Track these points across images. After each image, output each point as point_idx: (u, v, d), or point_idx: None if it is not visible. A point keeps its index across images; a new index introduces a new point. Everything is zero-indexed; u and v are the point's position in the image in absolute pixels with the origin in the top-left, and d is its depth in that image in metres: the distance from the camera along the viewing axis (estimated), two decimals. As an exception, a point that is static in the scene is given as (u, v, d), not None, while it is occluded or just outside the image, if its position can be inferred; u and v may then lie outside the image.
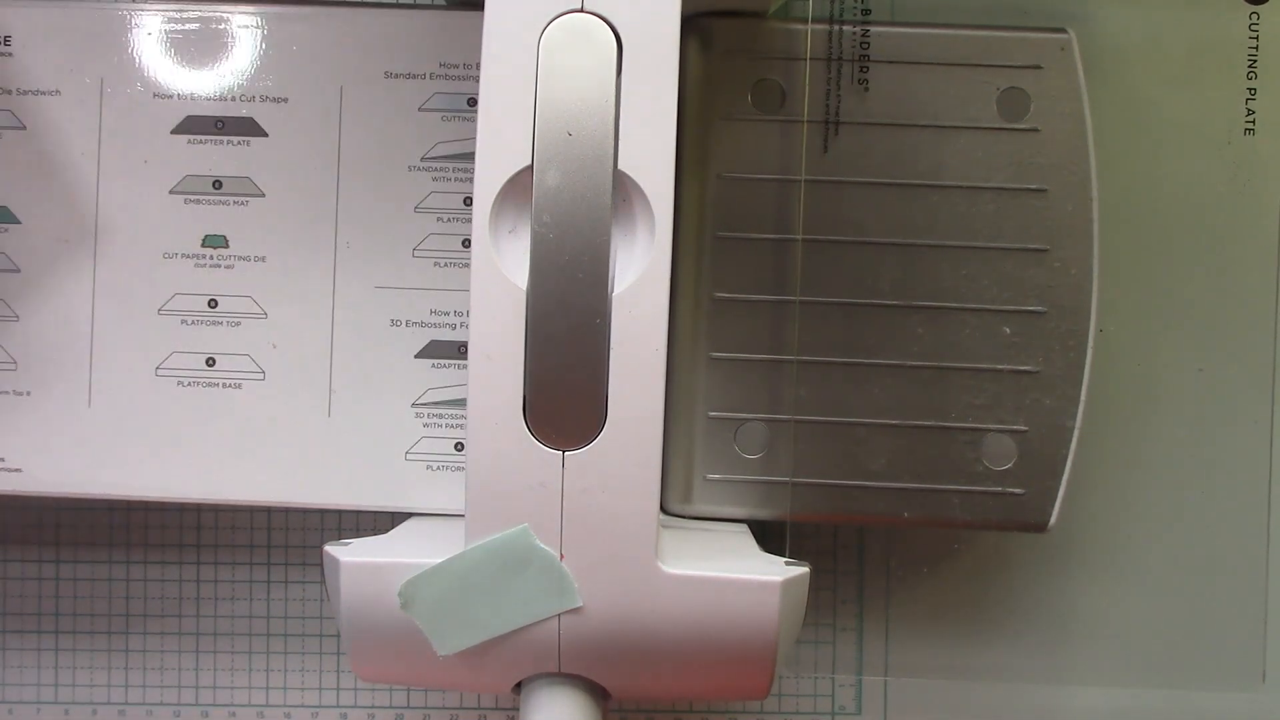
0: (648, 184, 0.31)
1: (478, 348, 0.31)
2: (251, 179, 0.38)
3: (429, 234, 0.38)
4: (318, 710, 0.42)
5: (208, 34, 0.38)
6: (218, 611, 0.42)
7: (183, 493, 0.38)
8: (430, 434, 0.38)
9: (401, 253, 0.38)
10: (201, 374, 0.38)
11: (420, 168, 0.38)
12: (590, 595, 0.31)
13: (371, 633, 0.32)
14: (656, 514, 0.31)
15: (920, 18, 0.38)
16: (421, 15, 0.38)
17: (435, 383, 0.38)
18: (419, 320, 0.38)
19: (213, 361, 0.38)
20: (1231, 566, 0.40)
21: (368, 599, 0.32)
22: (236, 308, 0.38)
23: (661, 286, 0.31)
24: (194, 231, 0.38)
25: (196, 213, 0.38)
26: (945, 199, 0.37)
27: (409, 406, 0.38)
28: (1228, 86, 0.39)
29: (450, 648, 0.32)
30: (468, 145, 0.38)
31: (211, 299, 0.38)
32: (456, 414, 0.38)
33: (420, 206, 0.38)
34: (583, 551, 0.31)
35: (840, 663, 0.42)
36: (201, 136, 0.38)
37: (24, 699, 0.42)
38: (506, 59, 0.31)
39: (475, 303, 0.31)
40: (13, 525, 0.42)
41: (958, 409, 0.37)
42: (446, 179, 0.38)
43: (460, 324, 0.38)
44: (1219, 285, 0.39)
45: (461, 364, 0.38)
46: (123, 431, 0.38)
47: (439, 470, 0.38)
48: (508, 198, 0.31)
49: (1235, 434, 0.40)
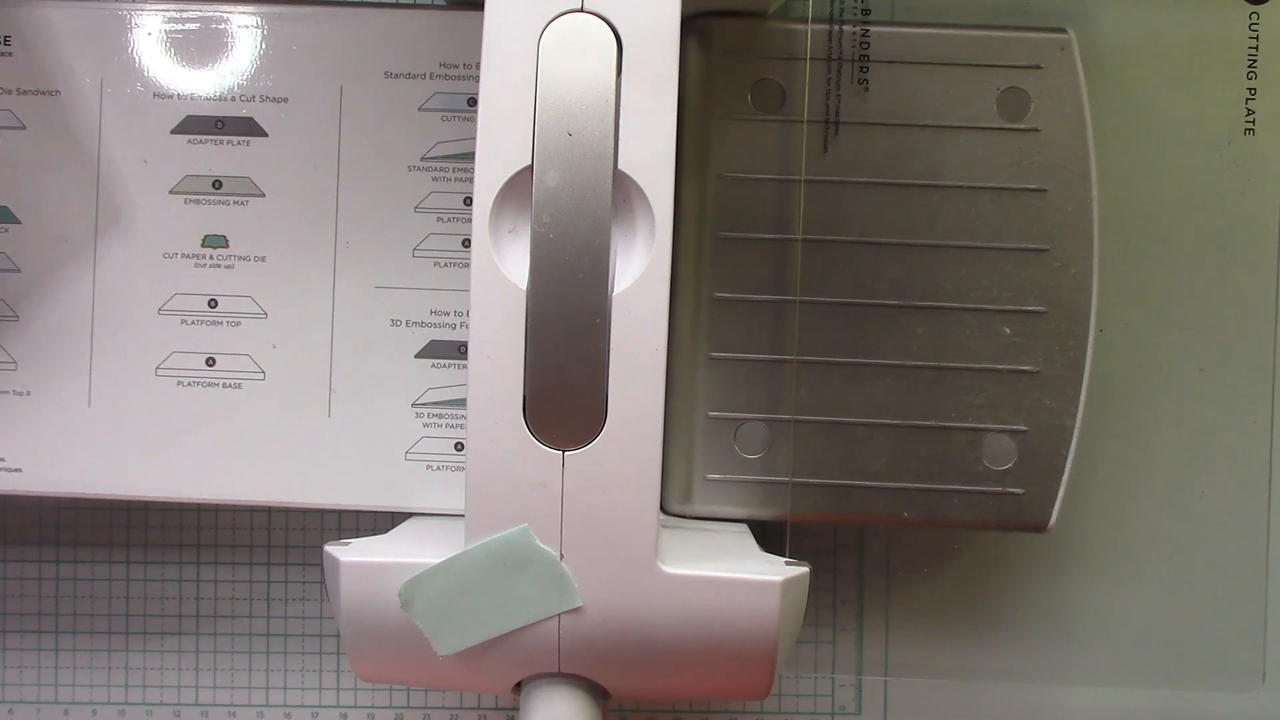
0: (648, 184, 0.31)
1: (478, 348, 0.31)
2: (251, 179, 0.38)
3: (429, 234, 0.38)
4: (318, 710, 0.42)
5: (207, 34, 0.38)
6: (218, 611, 0.42)
7: (183, 493, 0.38)
8: (430, 434, 0.38)
9: (402, 253, 0.38)
10: (201, 374, 0.38)
11: (420, 168, 0.38)
12: (590, 595, 0.31)
13: (371, 633, 0.32)
14: (656, 514, 0.31)
15: (920, 18, 0.38)
16: (421, 15, 0.38)
17: (435, 383, 0.38)
18: (419, 320, 0.38)
19: (213, 361, 0.38)
20: (1231, 566, 0.40)
21: (368, 599, 0.32)
22: (237, 308, 0.38)
23: (661, 286, 0.31)
24: (194, 231, 0.38)
25: (196, 213, 0.38)
26: (945, 199, 0.37)
27: (409, 406, 0.38)
28: (1228, 86, 0.39)
29: (450, 648, 0.32)
30: (468, 145, 0.38)
31: (211, 299, 0.38)
32: (457, 414, 0.38)
33: (420, 206, 0.38)
34: (583, 551, 0.31)
35: (840, 663, 0.42)
36: (201, 136, 0.38)
37: (24, 699, 0.42)
38: (506, 59, 0.31)
39: (475, 303, 0.31)
40: (13, 525, 0.42)
41: (958, 409, 0.37)
42: (446, 179, 0.38)
43: (460, 324, 0.38)
44: (1219, 285, 0.39)
45: (462, 364, 0.38)
46: (123, 431, 0.38)
47: (439, 470, 0.38)
48: (508, 198, 0.31)
49: (1235, 434, 0.40)
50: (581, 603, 0.31)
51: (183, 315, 0.38)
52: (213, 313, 0.38)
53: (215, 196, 0.38)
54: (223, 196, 0.38)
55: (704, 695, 0.40)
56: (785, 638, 0.32)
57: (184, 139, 0.38)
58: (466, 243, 0.38)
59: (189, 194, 0.38)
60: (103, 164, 0.38)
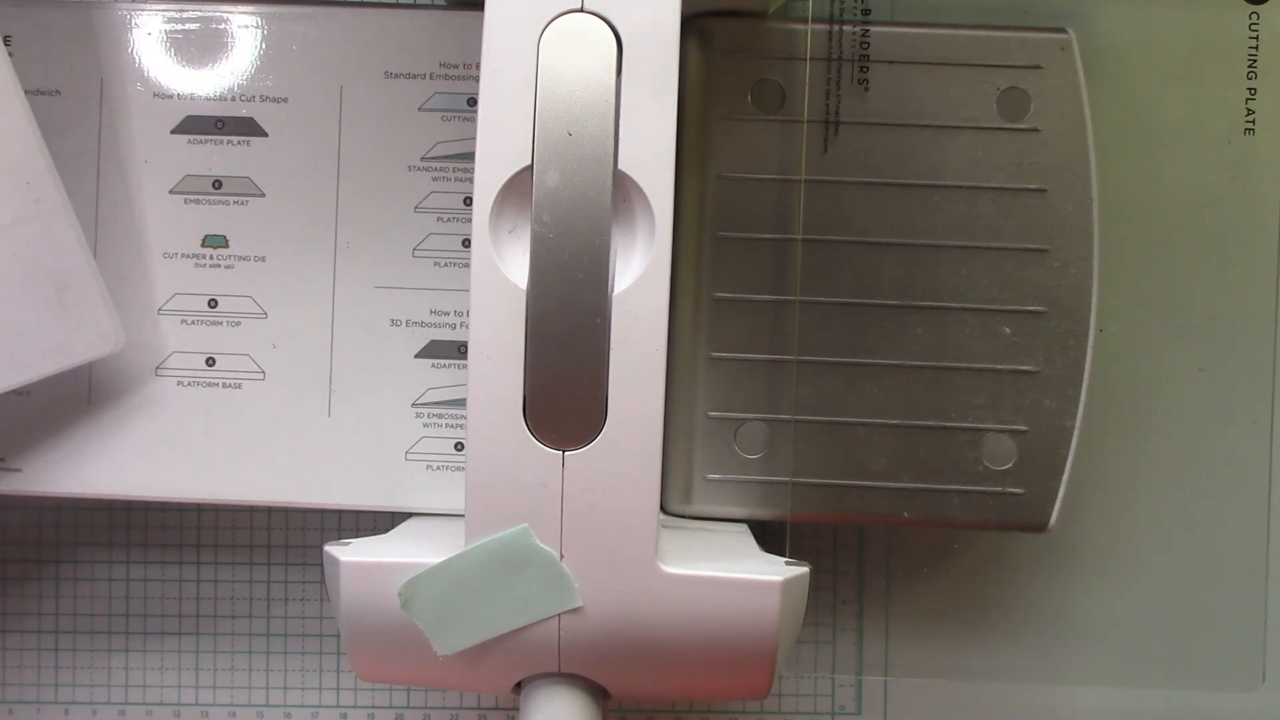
0: (648, 184, 0.31)
1: (478, 348, 0.31)
2: (251, 179, 0.38)
3: (429, 234, 0.38)
4: (318, 710, 0.42)
5: (207, 34, 0.38)
6: (218, 611, 0.42)
7: (182, 493, 0.38)
8: (430, 434, 0.38)
9: (402, 253, 0.38)
10: (202, 374, 0.38)
11: (420, 168, 0.38)
12: (590, 595, 0.31)
13: (371, 633, 0.32)
14: (656, 514, 0.31)
15: (920, 18, 0.38)
16: (421, 15, 0.38)
17: (435, 383, 0.38)
18: (419, 320, 0.38)
19: (213, 361, 0.38)
20: (1231, 566, 0.40)
21: (368, 599, 0.32)
22: (237, 308, 0.38)
23: (661, 286, 0.31)
24: (194, 231, 0.38)
25: (196, 213, 0.38)
26: (945, 199, 0.37)
27: (409, 406, 0.38)
28: (1228, 86, 0.39)
29: (450, 648, 0.32)
30: (468, 145, 0.38)
31: (211, 299, 0.38)
32: (457, 414, 0.38)
33: (420, 206, 0.38)
34: (583, 551, 0.31)
35: (840, 663, 0.42)
36: (201, 136, 0.38)
37: (24, 699, 0.42)
38: (506, 59, 0.31)
39: (475, 303, 0.31)
40: (13, 525, 0.42)
41: (958, 409, 0.37)
42: (446, 179, 0.38)
43: (460, 324, 0.38)
44: (1219, 285, 0.39)
45: (462, 364, 0.38)
46: (122, 431, 0.38)
47: (439, 470, 0.38)
48: (508, 198, 0.31)
49: (1235, 434, 0.40)
50: (581, 603, 0.31)
51: (183, 315, 0.38)
52: (213, 313, 0.38)
53: (215, 196, 0.38)
54: (223, 196, 0.38)
55: (704, 695, 0.40)
56: (785, 638, 0.32)
57: (184, 139, 0.38)
58: (467, 243, 0.38)
59: (189, 194, 0.38)
60: (102, 164, 0.38)
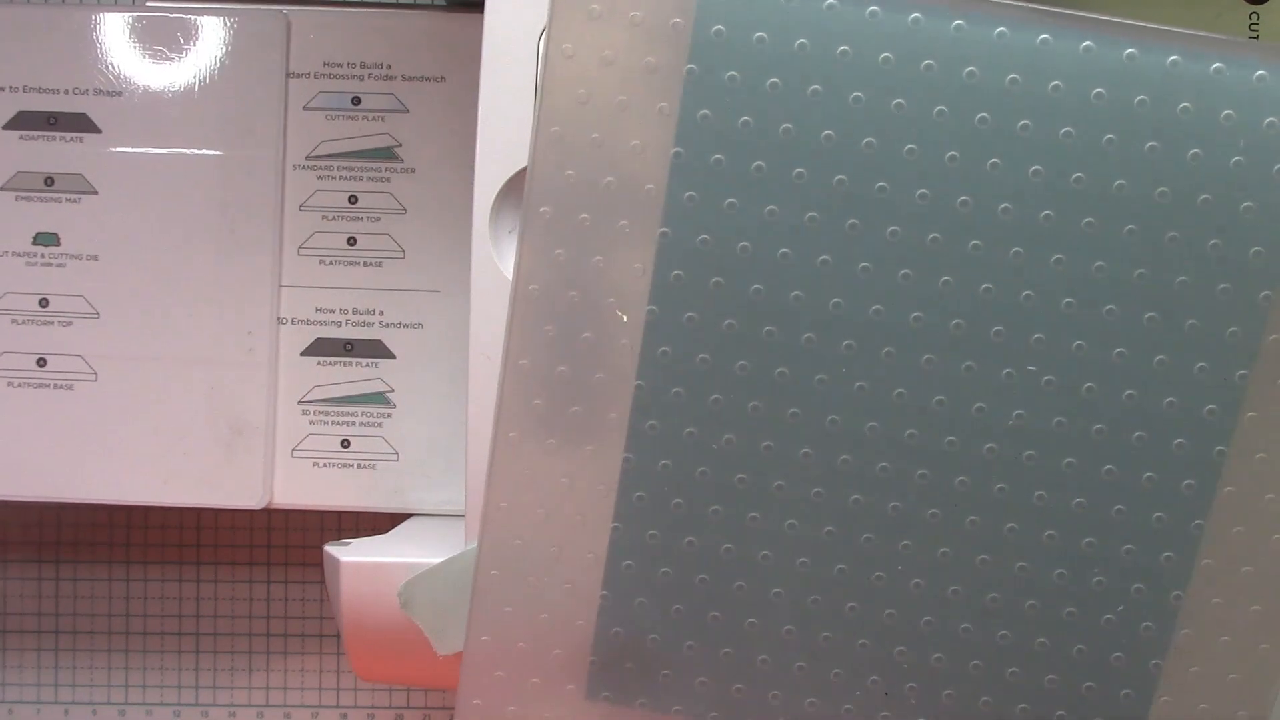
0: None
1: (478, 348, 0.31)
2: (84, 176, 0.38)
3: (314, 232, 0.38)
4: (318, 710, 0.42)
5: (39, 25, 0.37)
6: (217, 612, 0.42)
7: (22, 492, 0.38)
8: (316, 431, 0.38)
9: (286, 250, 0.38)
10: (32, 374, 0.38)
11: (304, 166, 0.38)
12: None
13: (371, 633, 0.32)
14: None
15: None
16: (301, 13, 0.38)
17: (321, 380, 0.38)
18: (304, 318, 0.38)
19: (44, 362, 0.38)
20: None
21: (368, 599, 0.32)
22: (68, 307, 0.38)
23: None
24: (25, 229, 0.38)
25: (28, 210, 0.38)
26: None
27: (295, 404, 0.38)
28: (1228, 87, 0.39)
29: (450, 648, 0.32)
30: (351, 144, 0.38)
31: (43, 298, 0.38)
32: (342, 411, 0.38)
33: (305, 205, 0.38)
34: (583, 551, 0.31)
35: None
36: (33, 132, 0.38)
37: (24, 699, 0.42)
38: (506, 60, 0.31)
39: (475, 303, 0.31)
40: (13, 525, 0.42)
41: None
42: (331, 177, 0.38)
43: (345, 321, 0.38)
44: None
45: (346, 361, 0.38)
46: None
47: (324, 468, 0.38)
48: (508, 198, 0.31)
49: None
50: (581, 603, 0.31)
51: (13, 315, 0.38)
52: (44, 312, 0.38)
53: (48, 194, 0.37)
54: (55, 194, 0.37)
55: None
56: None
57: (16, 134, 0.38)
58: (351, 240, 0.38)
59: (20, 191, 0.38)
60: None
